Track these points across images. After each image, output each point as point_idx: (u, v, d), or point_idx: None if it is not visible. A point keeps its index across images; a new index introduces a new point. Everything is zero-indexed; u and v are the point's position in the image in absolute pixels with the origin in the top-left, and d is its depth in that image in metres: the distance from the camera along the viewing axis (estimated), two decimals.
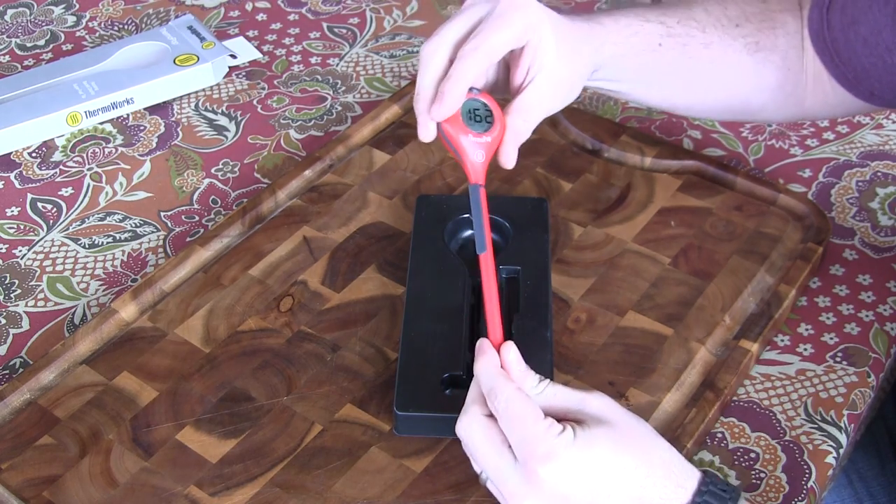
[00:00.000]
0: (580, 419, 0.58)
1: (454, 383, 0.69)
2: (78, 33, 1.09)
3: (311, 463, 0.67)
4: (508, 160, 0.66)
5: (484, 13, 0.64)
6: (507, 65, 0.68)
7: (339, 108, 0.99)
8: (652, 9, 0.78)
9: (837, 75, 0.77)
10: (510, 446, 0.57)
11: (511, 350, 0.61)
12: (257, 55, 1.06)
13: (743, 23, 0.78)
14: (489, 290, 0.62)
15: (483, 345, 0.62)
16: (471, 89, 0.63)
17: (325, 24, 1.10)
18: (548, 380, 0.60)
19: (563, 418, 0.58)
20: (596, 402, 0.58)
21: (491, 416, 0.58)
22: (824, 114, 0.83)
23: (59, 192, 0.90)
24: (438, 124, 0.63)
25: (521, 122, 0.66)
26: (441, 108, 0.62)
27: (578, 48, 0.69)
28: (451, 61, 0.63)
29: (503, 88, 0.69)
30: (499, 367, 0.60)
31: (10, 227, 0.87)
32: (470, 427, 0.58)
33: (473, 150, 0.62)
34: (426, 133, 0.64)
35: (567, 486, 0.55)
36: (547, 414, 0.58)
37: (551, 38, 0.66)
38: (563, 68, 0.67)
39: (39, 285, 0.82)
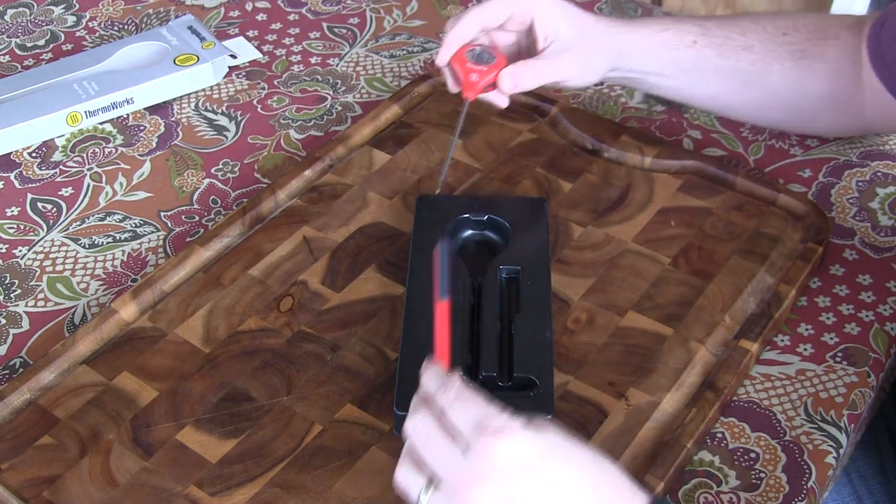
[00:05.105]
0: None
1: None
2: (78, 33, 1.09)
3: (311, 463, 0.67)
4: (503, 83, 0.77)
5: None
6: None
7: (339, 108, 0.99)
8: (691, 16, 0.86)
9: (892, 88, 0.79)
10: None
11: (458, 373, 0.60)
12: (257, 55, 1.06)
13: (791, 32, 0.83)
14: (442, 331, 0.60)
15: (429, 361, 0.61)
16: (483, 47, 0.80)
17: (325, 24, 1.10)
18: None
19: None
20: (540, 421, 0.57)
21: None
22: (887, 127, 0.86)
23: (59, 192, 0.90)
24: (450, 64, 0.79)
25: (531, 67, 0.77)
26: (440, 52, 0.78)
27: (598, 29, 0.81)
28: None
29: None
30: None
31: (10, 227, 0.87)
32: (423, 422, 0.56)
33: (469, 73, 0.78)
34: (440, 58, 0.79)
35: (521, 463, 0.53)
36: None
37: (560, 13, 0.79)
38: (577, 39, 0.79)
39: (39, 285, 0.82)
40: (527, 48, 0.82)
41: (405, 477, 0.57)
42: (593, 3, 1.12)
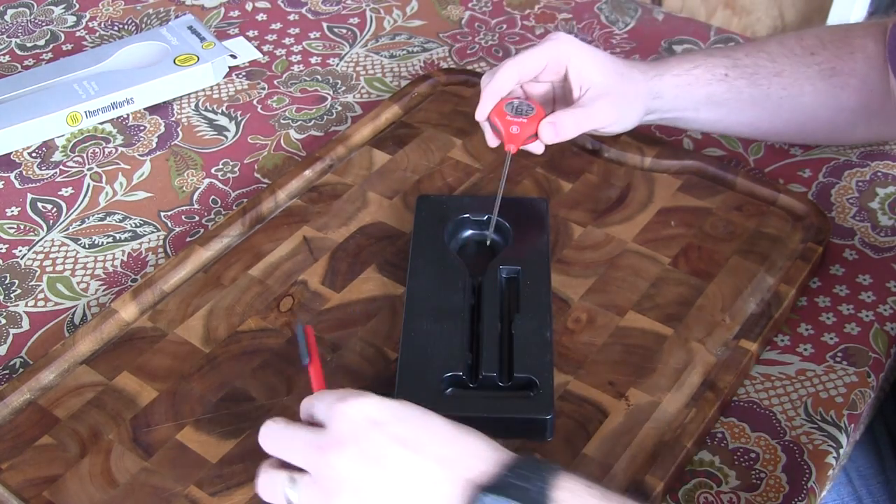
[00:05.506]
0: None
1: (454, 383, 0.69)
2: (78, 33, 1.10)
3: None
4: (544, 134, 0.79)
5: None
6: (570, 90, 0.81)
7: (339, 108, 0.99)
8: (720, 47, 0.88)
9: None
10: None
11: None
12: (257, 55, 1.06)
13: (819, 51, 0.83)
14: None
15: None
16: (521, 99, 0.81)
17: (325, 24, 1.10)
18: None
19: None
20: None
21: None
22: None
23: (59, 192, 0.90)
24: (489, 117, 0.80)
25: (571, 116, 0.79)
26: (478, 108, 0.80)
27: (631, 75, 0.82)
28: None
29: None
30: None
31: (10, 227, 0.87)
32: (274, 421, 0.58)
33: (510, 126, 0.79)
34: (478, 114, 0.81)
35: (371, 420, 0.55)
36: None
37: (593, 62, 0.80)
38: (612, 86, 0.80)
39: (39, 285, 0.82)
40: (561, 96, 0.84)
41: (266, 482, 0.57)
42: (593, 3, 1.12)
